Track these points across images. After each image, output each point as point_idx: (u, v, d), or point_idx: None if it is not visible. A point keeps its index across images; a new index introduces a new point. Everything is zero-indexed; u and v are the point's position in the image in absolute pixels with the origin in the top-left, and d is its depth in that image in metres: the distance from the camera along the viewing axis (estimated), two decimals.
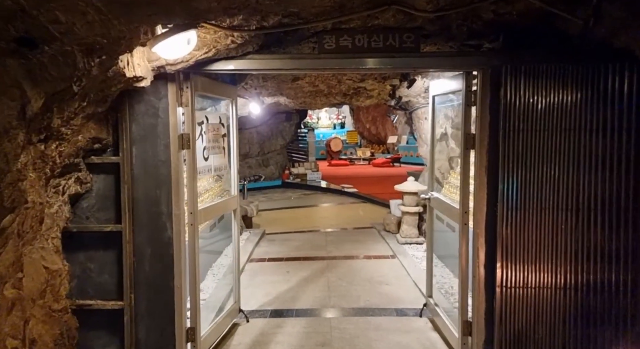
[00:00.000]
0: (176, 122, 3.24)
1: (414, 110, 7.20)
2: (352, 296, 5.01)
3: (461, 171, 3.46)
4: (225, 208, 4.16)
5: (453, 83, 3.65)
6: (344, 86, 5.95)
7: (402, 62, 3.20)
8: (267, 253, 6.86)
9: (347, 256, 6.55)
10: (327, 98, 6.92)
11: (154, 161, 3.24)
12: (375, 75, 5.30)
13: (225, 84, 4.05)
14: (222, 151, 4.01)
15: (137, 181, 3.24)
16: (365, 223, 8.91)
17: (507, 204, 3.18)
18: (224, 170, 4.04)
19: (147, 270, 3.27)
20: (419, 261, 6.16)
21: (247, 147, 16.26)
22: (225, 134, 4.08)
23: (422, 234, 7.26)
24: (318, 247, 7.13)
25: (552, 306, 3.16)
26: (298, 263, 6.31)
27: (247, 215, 8.26)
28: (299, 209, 11.10)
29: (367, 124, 26.71)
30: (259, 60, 3.22)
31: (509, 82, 3.11)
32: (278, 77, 5.33)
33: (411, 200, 7.03)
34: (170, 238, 3.27)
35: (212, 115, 3.81)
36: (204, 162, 3.64)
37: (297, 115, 16.66)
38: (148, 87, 3.15)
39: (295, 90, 6.06)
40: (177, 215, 3.28)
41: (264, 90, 5.80)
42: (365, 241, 7.42)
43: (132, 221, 3.24)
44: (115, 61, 2.29)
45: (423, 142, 7.30)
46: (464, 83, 3.35)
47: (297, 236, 7.94)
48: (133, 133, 3.22)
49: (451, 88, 3.77)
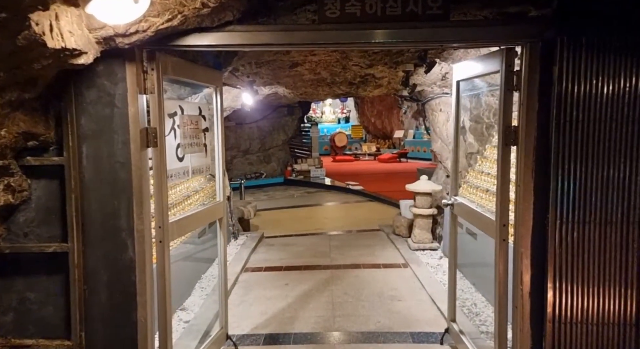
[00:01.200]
0: (138, 113, 2.54)
1: (427, 101, 6.47)
2: (360, 315, 4.32)
3: (499, 173, 2.75)
4: (208, 217, 3.47)
5: (486, 64, 2.93)
6: (349, 73, 5.23)
7: (426, 33, 2.48)
8: (264, 260, 6.18)
9: (354, 265, 5.85)
10: (330, 88, 6.20)
11: (110, 163, 2.56)
12: (386, 60, 4.58)
13: (207, 68, 3.35)
14: (204, 149, 3.31)
15: (88, 188, 2.55)
16: (372, 225, 8.22)
17: (562, 216, 2.47)
18: (205, 172, 3.35)
19: (103, 300, 2.59)
20: (434, 270, 5.46)
21: (248, 142, 15.59)
22: (207, 128, 3.39)
23: (437, 239, 6.56)
24: (321, 254, 6.45)
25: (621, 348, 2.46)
26: (298, 273, 5.63)
27: (244, 217, 7.58)
28: (301, 209, 10.42)
29: (372, 118, 25.96)
30: (243, 33, 2.52)
31: (566, 59, 2.40)
32: (273, 63, 4.62)
33: (424, 201, 6.32)
34: (132, 260, 2.59)
35: (188, 106, 3.12)
36: (178, 162, 2.95)
37: (299, 108, 15.95)
38: (100, 68, 2.47)
39: (294, 78, 5.35)
40: (141, 230, 2.59)
41: (258, 79, 5.10)
42: (373, 247, 6.72)
43: (82, 239, 2.55)
44: (24, 23, 1.59)
45: (437, 136, 6.57)
46: (504, 62, 2.63)
47: (298, 240, 7.25)
48: (82, 127, 2.53)
49: (482, 70, 3.05)
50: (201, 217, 3.31)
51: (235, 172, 15.23)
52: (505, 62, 2.63)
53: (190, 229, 3.39)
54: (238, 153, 15.50)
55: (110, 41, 2.22)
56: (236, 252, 6.37)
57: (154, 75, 2.59)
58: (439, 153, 6.59)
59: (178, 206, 4.15)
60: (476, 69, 3.15)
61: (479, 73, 3.13)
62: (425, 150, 21.32)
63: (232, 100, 6.32)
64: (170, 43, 2.49)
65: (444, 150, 6.45)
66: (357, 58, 4.56)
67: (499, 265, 2.74)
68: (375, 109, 25.48)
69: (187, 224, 3.03)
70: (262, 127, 15.73)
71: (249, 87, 5.03)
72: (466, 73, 3.33)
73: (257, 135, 15.69)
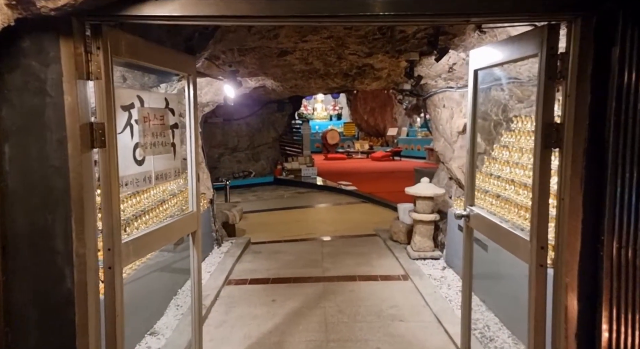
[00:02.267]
0: (77, 104, 1.96)
1: (429, 96, 5.93)
2: (358, 340, 3.78)
3: (536, 183, 2.20)
4: (177, 231, 2.89)
5: (517, 48, 2.38)
6: (345, 64, 4.67)
7: (449, 4, 1.93)
8: (250, 271, 5.61)
9: (348, 277, 5.31)
10: (323, 81, 5.63)
11: (42, 167, 1.98)
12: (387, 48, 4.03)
13: (176, 52, 2.77)
14: (172, 149, 2.74)
15: (12, 200, 1.97)
16: (367, 229, 7.68)
17: (621, 238, 1.94)
18: (174, 177, 2.77)
19: (32, 345, 2.02)
20: (438, 284, 4.93)
21: (236, 139, 14.98)
22: (177, 125, 2.81)
23: (438, 246, 6.03)
24: (312, 262, 5.89)
25: None
26: (287, 286, 5.07)
27: (229, 221, 7.00)
28: (291, 211, 9.86)
29: (365, 115, 25.43)
30: (213, 2, 1.95)
31: (630, 38, 1.86)
32: (259, 50, 4.04)
33: (425, 206, 5.79)
34: (71, 293, 2.02)
35: (152, 97, 2.54)
36: (137, 166, 2.38)
37: (290, 105, 15.36)
38: (26, 44, 1.90)
39: (282, 69, 4.77)
40: (82, 254, 2.02)
41: (242, 69, 4.52)
42: (369, 255, 6.18)
43: (3, 266, 1.97)
44: None
45: (440, 134, 6.04)
46: (545, 43, 2.09)
47: (287, 247, 6.69)
48: (3, 121, 1.95)
49: (510, 55, 2.51)
50: (168, 233, 2.72)
51: (223, 170, 14.62)
52: (547, 43, 2.08)
53: (152, 248, 2.79)
54: (226, 151, 14.89)
55: (28, 5, 1.63)
56: (219, 261, 5.80)
57: (99, 56, 2.01)
58: (442, 153, 6.06)
59: (138, 220, 3.53)
60: (501, 55, 2.61)
61: (506, 60, 2.58)
62: (420, 148, 20.85)
63: (215, 94, 5.73)
64: (117, 13, 1.91)
65: (447, 150, 5.92)
66: (355, 46, 4.01)
67: (535, 298, 2.20)
68: (368, 106, 24.96)
69: (147, 243, 2.45)
70: (251, 124, 15.13)
71: (231, 78, 4.45)
72: (487, 60, 2.78)
73: (246, 132, 15.09)
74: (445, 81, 5.11)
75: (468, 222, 3.02)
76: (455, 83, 5.20)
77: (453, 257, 5.42)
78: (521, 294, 2.58)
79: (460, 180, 5.72)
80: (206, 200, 6.33)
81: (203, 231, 6.03)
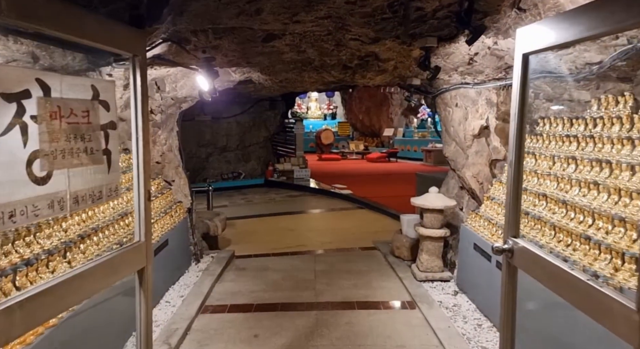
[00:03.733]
0: None
1: (439, 94, 5.16)
2: None
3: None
4: (112, 273, 2.06)
5: (617, 14, 1.60)
6: (345, 53, 3.88)
7: None
8: (231, 294, 4.81)
9: (345, 303, 4.53)
10: (318, 74, 4.84)
11: None
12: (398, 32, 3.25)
13: (112, 22, 1.96)
14: (104, 159, 1.94)
15: None
16: (365, 240, 6.92)
17: None
18: (105, 197, 1.97)
19: None
20: (452, 314, 4.17)
21: (225, 139, 14.17)
22: (114, 124, 2.01)
23: (447, 265, 5.27)
24: (304, 283, 5.11)
25: None
26: (273, 315, 4.28)
27: (209, 232, 6.20)
28: (282, 217, 9.07)
29: (360, 115, 24.69)
30: None
31: None
32: (239, 32, 3.24)
33: (434, 220, 5.02)
34: None
35: (64, 82, 1.73)
36: (35, 187, 1.58)
37: (282, 103, 14.58)
38: None
39: (270, 58, 3.98)
40: None
41: (219, 56, 3.71)
42: (368, 274, 5.41)
43: None
44: None
45: (451, 138, 5.27)
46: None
47: (276, 262, 5.90)
48: None
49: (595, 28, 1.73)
50: (93, 278, 1.91)
51: (212, 171, 13.80)
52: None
53: (63, 307, 1.89)
54: (214, 150, 14.07)
55: None
56: (195, 282, 5.00)
57: None
58: (453, 159, 5.29)
59: (41, 267, 2.46)
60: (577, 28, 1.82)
61: (585, 36, 1.78)
62: (416, 149, 20.11)
63: (193, 88, 4.92)
64: None
65: (459, 155, 5.16)
66: (358, 28, 3.22)
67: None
68: (363, 105, 24.22)
69: (50, 303, 1.64)
70: (242, 122, 14.33)
71: (205, 67, 3.65)
72: (546, 39, 1.99)
73: (236, 130, 14.28)
74: (461, 75, 4.34)
75: (510, 259, 2.25)
76: (473, 79, 4.43)
77: (466, 280, 4.66)
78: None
79: (475, 190, 4.96)
80: (183, 209, 5.53)
81: (179, 246, 5.24)
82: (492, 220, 4.22)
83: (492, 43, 3.31)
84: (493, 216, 4.25)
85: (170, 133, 5.49)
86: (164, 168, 5.41)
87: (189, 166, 12.62)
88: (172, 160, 5.51)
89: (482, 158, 4.85)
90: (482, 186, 4.84)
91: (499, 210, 4.24)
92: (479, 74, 4.24)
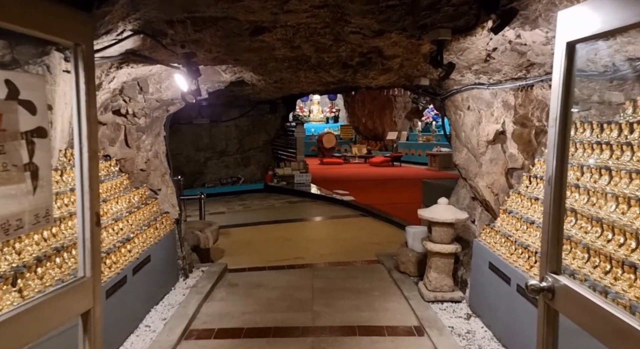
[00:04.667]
0: None
1: (449, 95, 4.71)
2: None
3: None
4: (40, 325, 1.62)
5: None
6: (344, 48, 3.44)
7: None
8: (219, 316, 4.36)
9: (345, 328, 4.07)
10: (315, 74, 4.39)
11: None
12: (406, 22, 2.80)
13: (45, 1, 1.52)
14: (23, 176, 1.49)
15: None
16: (367, 252, 6.47)
17: None
18: (28, 225, 1.53)
19: None
20: (465, 344, 3.70)
21: (224, 142, 13.74)
22: (44, 131, 1.57)
23: (458, 284, 4.81)
24: (300, 303, 4.65)
25: None
26: (265, 342, 3.82)
27: (200, 245, 5.75)
28: (280, 225, 8.63)
29: (363, 118, 24.25)
30: None
31: None
32: (223, 24, 2.80)
33: (444, 234, 4.56)
34: None
35: None
36: None
37: (283, 106, 14.15)
38: None
39: (260, 54, 3.53)
40: None
41: (202, 52, 3.26)
42: (371, 293, 4.94)
43: None
44: None
45: (462, 144, 4.81)
46: None
47: (272, 277, 5.45)
48: None
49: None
50: (19, 327, 1.46)
51: (210, 176, 13.38)
52: None
53: None
54: (213, 155, 13.64)
55: None
56: (181, 301, 4.55)
57: None
58: (464, 167, 4.83)
59: None
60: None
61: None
62: (421, 153, 19.63)
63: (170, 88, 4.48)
64: None
65: (471, 163, 4.70)
66: (359, 19, 2.77)
67: None
68: (366, 109, 23.78)
69: None
70: (241, 126, 13.90)
71: (186, 65, 3.21)
72: (603, 23, 1.54)
73: (235, 134, 13.85)
74: (475, 75, 3.89)
75: (550, 301, 1.79)
76: (488, 78, 3.98)
77: (480, 303, 4.19)
78: None
79: (490, 202, 4.49)
80: (170, 221, 5.09)
81: (164, 261, 4.79)
82: (510, 236, 3.75)
83: (515, 36, 2.86)
84: (511, 232, 3.79)
85: (157, 139, 5.06)
86: (149, 176, 4.97)
87: (186, 171, 12.24)
88: (158, 167, 5.07)
89: (497, 167, 4.39)
90: (497, 197, 4.38)
91: (517, 225, 3.78)
92: (495, 73, 3.79)
